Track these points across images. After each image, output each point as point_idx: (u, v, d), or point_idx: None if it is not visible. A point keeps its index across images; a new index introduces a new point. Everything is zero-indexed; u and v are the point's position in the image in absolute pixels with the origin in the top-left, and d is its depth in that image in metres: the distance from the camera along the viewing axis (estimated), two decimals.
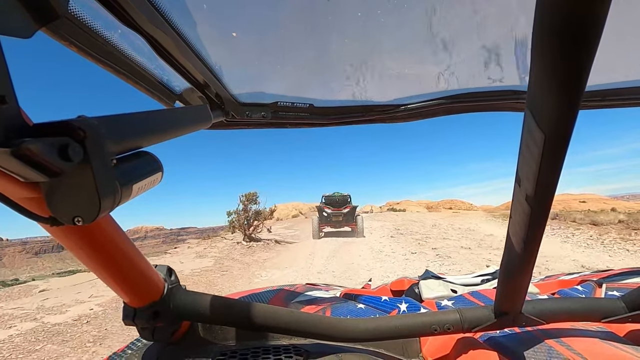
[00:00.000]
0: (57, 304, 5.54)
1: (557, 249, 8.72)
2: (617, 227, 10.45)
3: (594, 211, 15.75)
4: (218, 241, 13.09)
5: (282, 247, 12.59)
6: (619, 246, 8.55)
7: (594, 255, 7.97)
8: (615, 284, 0.96)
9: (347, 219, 15.04)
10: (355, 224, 14.73)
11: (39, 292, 6.72)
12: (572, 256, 7.87)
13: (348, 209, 15.12)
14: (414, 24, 0.68)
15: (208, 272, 7.99)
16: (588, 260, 7.39)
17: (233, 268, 8.51)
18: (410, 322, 0.66)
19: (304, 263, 8.85)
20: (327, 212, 15.08)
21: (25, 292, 6.73)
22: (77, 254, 0.43)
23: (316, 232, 14.54)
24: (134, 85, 0.71)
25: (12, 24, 0.32)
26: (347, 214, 15.03)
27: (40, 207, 0.33)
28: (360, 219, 14.79)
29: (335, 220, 14.98)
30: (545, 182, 0.36)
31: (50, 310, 5.20)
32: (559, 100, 0.29)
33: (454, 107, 0.99)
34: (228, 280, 7.34)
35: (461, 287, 1.14)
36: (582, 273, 1.20)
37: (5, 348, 3.86)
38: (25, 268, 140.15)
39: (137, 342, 0.70)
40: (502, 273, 0.56)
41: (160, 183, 0.43)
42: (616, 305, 0.64)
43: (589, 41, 0.24)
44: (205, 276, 7.57)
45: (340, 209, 15.12)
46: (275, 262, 9.42)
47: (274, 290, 1.13)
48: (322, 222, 15.05)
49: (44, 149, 0.26)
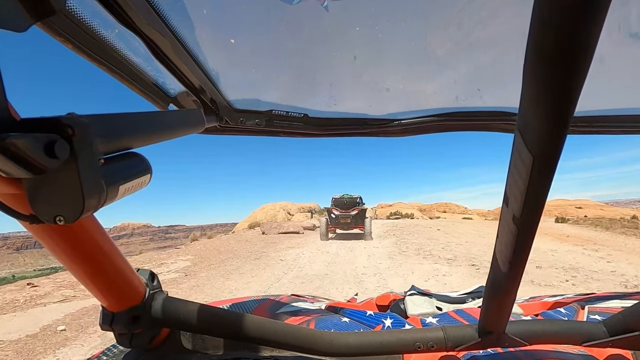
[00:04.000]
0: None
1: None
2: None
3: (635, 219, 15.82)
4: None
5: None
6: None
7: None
8: (597, 307, 0.97)
9: (356, 221, 15.10)
10: (364, 227, 14.74)
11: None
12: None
13: (356, 211, 15.17)
14: (411, 42, 0.70)
15: None
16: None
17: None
18: (394, 339, 0.65)
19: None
20: (336, 214, 15.16)
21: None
22: (56, 254, 0.42)
23: (324, 234, 14.61)
24: (128, 86, 0.70)
25: (6, 17, 0.31)
26: (356, 216, 15.08)
27: (21, 204, 0.32)
28: (368, 221, 14.81)
29: (344, 222, 15.05)
30: (533, 203, 0.36)
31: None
32: (548, 124, 0.29)
33: (446, 124, 1.01)
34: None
35: (446, 304, 1.13)
36: (565, 295, 1.22)
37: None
38: (6, 264, 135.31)
39: (113, 349, 0.68)
40: (487, 292, 0.56)
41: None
42: (597, 329, 0.64)
43: (579, 67, 0.25)
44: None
45: (348, 211, 15.19)
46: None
47: (258, 299, 1.11)
48: (330, 224, 15.13)
49: (29, 145, 0.25)
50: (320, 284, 6.75)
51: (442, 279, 6.91)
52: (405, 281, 6.80)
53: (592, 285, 6.18)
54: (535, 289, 5.91)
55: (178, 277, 7.73)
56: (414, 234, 15.74)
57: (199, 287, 6.77)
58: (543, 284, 6.29)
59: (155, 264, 9.47)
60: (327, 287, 6.47)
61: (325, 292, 6.05)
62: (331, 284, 6.73)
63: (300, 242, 14.51)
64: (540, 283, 6.38)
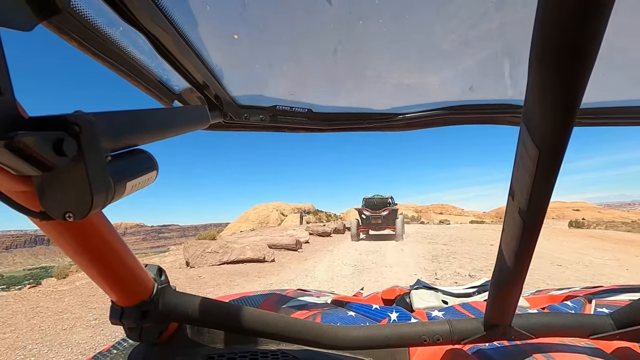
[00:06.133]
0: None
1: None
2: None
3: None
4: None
5: None
6: None
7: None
8: (605, 300, 0.97)
9: (387, 222, 15.10)
10: (395, 227, 14.71)
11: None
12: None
13: (387, 211, 15.13)
14: (415, 35, 0.69)
15: None
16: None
17: None
18: (400, 332, 0.66)
19: None
20: (366, 214, 15.21)
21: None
22: (66, 250, 0.43)
23: (355, 235, 14.67)
24: (133, 83, 0.71)
25: (12, 17, 0.32)
26: (387, 216, 15.07)
27: (31, 201, 0.32)
28: (400, 221, 14.72)
29: (375, 223, 15.10)
30: (539, 196, 0.36)
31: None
32: (554, 116, 0.29)
33: (451, 118, 1.00)
34: None
35: (452, 298, 1.14)
36: (572, 288, 1.21)
37: None
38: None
39: (123, 342, 0.69)
40: (493, 286, 0.56)
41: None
42: (605, 322, 0.64)
43: (586, 59, 0.24)
44: None
45: (379, 211, 15.18)
46: None
47: (264, 294, 1.12)
48: (361, 225, 15.18)
49: (38, 143, 0.26)
50: None
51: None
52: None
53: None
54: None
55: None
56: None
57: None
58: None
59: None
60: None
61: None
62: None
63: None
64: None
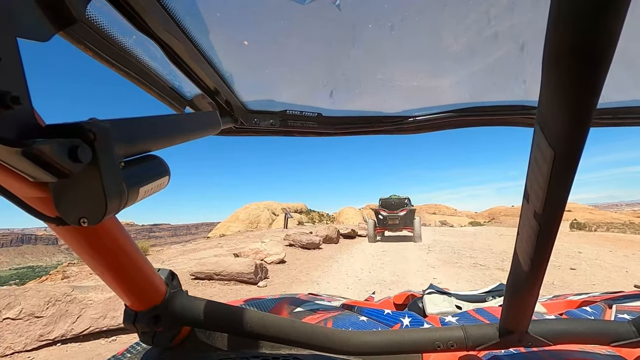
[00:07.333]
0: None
1: None
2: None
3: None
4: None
5: None
6: None
7: None
8: (626, 306, 0.94)
9: (405, 222, 14.77)
10: (413, 228, 14.43)
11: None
12: None
13: (404, 212, 14.81)
14: (425, 37, 0.69)
15: None
16: None
17: None
18: (413, 337, 0.65)
19: None
20: (383, 215, 14.91)
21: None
22: (81, 254, 0.43)
23: (372, 236, 14.40)
24: (145, 90, 0.72)
25: (30, 28, 0.33)
26: (404, 217, 14.75)
27: (47, 207, 0.33)
28: (417, 222, 14.44)
29: (392, 224, 14.78)
30: (555, 199, 0.35)
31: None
32: (569, 117, 0.28)
33: (463, 120, 0.99)
34: None
35: (466, 303, 1.11)
36: (591, 294, 1.17)
37: None
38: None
39: (137, 346, 0.70)
40: (508, 291, 0.54)
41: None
42: (626, 329, 0.62)
43: (602, 59, 0.24)
44: None
45: (396, 211, 14.87)
46: None
47: (275, 298, 1.12)
48: (378, 226, 14.90)
49: (54, 150, 0.26)
50: None
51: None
52: None
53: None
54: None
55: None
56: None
57: None
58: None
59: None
60: None
61: None
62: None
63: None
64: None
